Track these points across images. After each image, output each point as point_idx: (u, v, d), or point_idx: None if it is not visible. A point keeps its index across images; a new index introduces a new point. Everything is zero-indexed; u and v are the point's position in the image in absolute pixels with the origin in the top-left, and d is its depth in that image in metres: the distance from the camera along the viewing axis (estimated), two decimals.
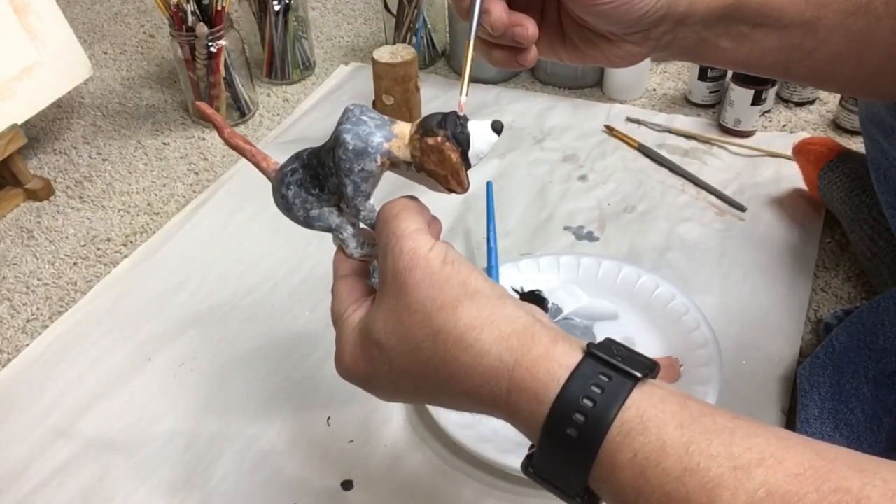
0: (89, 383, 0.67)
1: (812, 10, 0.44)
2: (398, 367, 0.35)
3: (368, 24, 1.26)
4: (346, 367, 0.38)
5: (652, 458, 0.29)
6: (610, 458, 0.30)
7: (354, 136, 0.37)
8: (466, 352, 0.33)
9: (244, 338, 0.71)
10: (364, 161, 0.37)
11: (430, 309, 0.34)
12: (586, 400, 0.30)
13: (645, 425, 0.30)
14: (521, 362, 0.32)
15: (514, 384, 0.32)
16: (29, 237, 0.85)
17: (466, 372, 0.33)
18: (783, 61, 0.47)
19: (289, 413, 0.64)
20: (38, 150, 0.99)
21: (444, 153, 0.37)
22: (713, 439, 0.29)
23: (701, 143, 0.92)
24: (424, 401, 0.39)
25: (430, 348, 0.34)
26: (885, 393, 0.52)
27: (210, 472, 0.60)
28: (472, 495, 0.57)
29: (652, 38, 0.45)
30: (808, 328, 0.69)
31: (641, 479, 0.29)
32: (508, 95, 1.03)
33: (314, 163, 0.40)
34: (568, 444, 0.31)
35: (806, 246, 0.77)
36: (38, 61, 0.87)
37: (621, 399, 0.30)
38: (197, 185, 0.92)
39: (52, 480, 0.60)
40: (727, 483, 0.27)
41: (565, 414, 0.30)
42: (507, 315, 0.34)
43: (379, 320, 0.35)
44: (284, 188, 0.41)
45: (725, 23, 0.45)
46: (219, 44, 0.94)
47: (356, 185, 0.38)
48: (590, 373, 0.31)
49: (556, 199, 0.85)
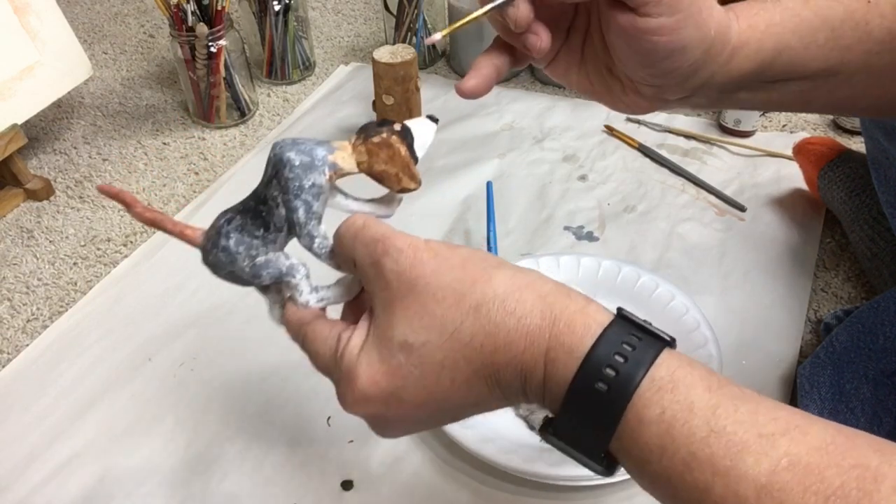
0: (89, 383, 0.67)
1: (836, 56, 0.43)
2: (434, 363, 0.34)
3: (368, 24, 1.26)
4: (363, 394, 0.35)
5: (679, 417, 0.29)
6: (637, 414, 0.30)
7: (298, 153, 0.36)
8: (511, 315, 0.33)
9: (244, 338, 0.71)
10: (312, 175, 0.36)
11: (461, 289, 0.33)
12: (618, 356, 0.30)
13: (675, 384, 0.30)
14: (561, 317, 0.32)
15: (553, 340, 0.32)
16: (29, 237, 0.85)
17: (512, 338, 0.33)
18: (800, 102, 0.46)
19: (289, 413, 0.64)
20: (38, 150, 0.99)
21: (393, 147, 0.37)
22: (740, 406, 0.29)
23: (701, 143, 0.92)
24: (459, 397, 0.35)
25: (472, 324, 0.33)
26: (885, 393, 0.52)
27: (210, 472, 0.60)
28: (472, 495, 0.57)
29: (662, 97, 0.44)
30: (808, 328, 0.69)
31: (667, 437, 0.29)
32: (508, 95, 1.03)
33: (251, 205, 0.38)
34: (597, 400, 0.31)
35: (806, 246, 0.77)
36: (38, 61, 0.87)
37: (652, 357, 0.31)
38: (197, 185, 0.92)
39: (52, 480, 0.60)
40: (752, 448, 0.28)
41: (597, 368, 0.31)
42: (538, 278, 0.34)
43: (399, 324, 0.34)
44: (224, 239, 0.38)
45: (745, 84, 0.44)
46: (219, 44, 0.94)
47: (308, 205, 0.37)
48: (622, 331, 0.31)
49: (556, 199, 0.85)
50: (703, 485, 0.28)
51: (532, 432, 0.60)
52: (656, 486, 0.31)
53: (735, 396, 0.29)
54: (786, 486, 0.27)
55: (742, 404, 0.29)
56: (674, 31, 0.38)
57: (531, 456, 0.56)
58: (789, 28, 0.42)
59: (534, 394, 0.33)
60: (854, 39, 0.42)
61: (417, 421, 0.36)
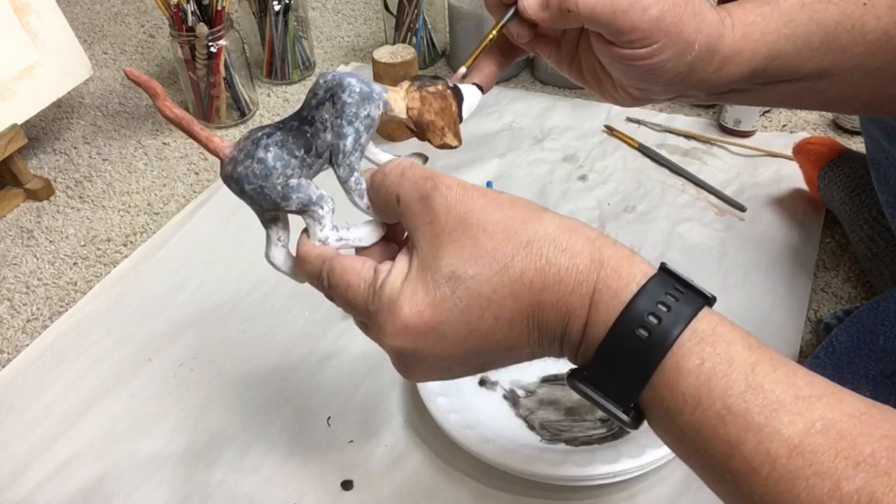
0: (89, 383, 0.67)
1: (830, 59, 0.43)
2: (480, 297, 0.33)
3: (368, 24, 1.26)
4: (405, 324, 0.33)
5: (718, 369, 0.29)
6: (676, 363, 0.30)
7: (358, 81, 0.36)
8: (564, 253, 0.33)
9: (244, 338, 0.71)
10: (369, 106, 0.36)
11: (512, 225, 0.33)
12: (661, 305, 0.31)
13: (716, 338, 0.30)
14: (608, 262, 0.32)
15: (600, 282, 0.32)
16: (29, 237, 0.85)
17: (562, 276, 0.32)
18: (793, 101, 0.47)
19: (289, 413, 0.64)
20: (38, 150, 0.99)
21: (447, 99, 0.37)
22: (778, 367, 0.30)
23: (701, 143, 0.92)
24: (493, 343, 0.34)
25: (523, 260, 0.33)
26: (885, 393, 0.52)
27: (210, 472, 0.60)
28: (472, 495, 0.57)
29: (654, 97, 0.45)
30: (808, 328, 0.69)
31: (704, 388, 0.29)
32: (508, 95, 1.03)
33: (293, 124, 0.36)
34: (636, 346, 0.31)
35: (806, 246, 0.77)
36: (38, 61, 0.87)
37: (694, 310, 0.31)
38: (197, 185, 0.92)
39: (52, 480, 0.60)
40: (788, 407, 0.28)
41: (639, 315, 0.31)
42: (584, 224, 0.34)
43: (447, 255, 0.33)
44: (262, 151, 0.36)
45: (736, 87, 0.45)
46: (219, 44, 0.94)
47: (358, 134, 0.36)
48: (666, 283, 0.32)
49: (556, 199, 0.85)
50: (734, 439, 0.28)
51: (532, 432, 0.60)
52: (684, 440, 0.31)
53: (774, 359, 0.30)
54: (818, 449, 0.27)
55: (780, 366, 0.30)
56: (652, 57, 0.40)
57: (531, 456, 0.56)
58: (784, 34, 0.42)
59: (571, 340, 0.33)
60: (849, 42, 0.43)
61: (450, 362, 0.35)
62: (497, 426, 0.59)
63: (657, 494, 0.57)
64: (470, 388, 0.63)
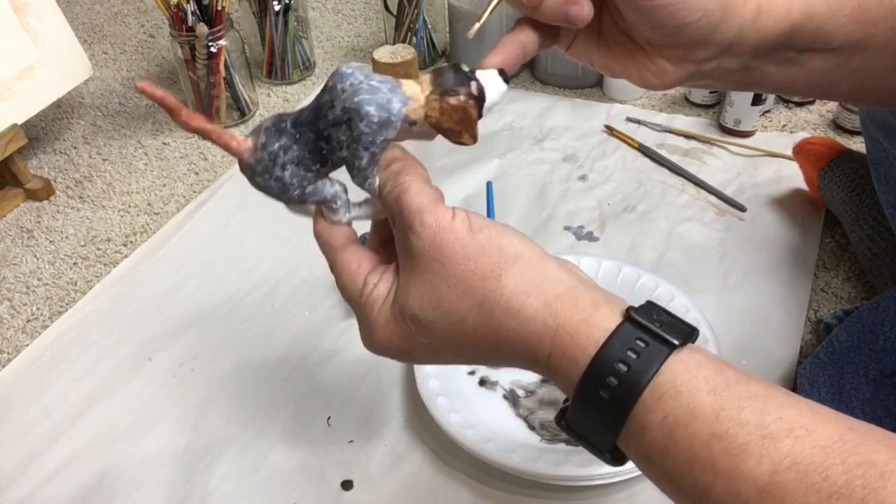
0: (89, 383, 0.67)
1: (862, 30, 0.42)
2: (440, 340, 0.35)
3: (368, 24, 1.26)
4: (379, 345, 0.37)
5: (681, 421, 0.29)
6: (640, 420, 0.31)
7: (378, 108, 0.35)
8: (514, 318, 0.33)
9: (244, 338, 0.71)
10: (387, 132, 0.36)
11: (471, 281, 0.34)
12: (621, 364, 0.31)
13: (678, 390, 0.30)
14: (564, 327, 0.33)
15: (555, 348, 0.33)
16: (29, 237, 0.85)
17: (512, 339, 0.33)
18: (826, 81, 0.45)
19: (289, 413, 0.64)
20: (38, 150, 0.99)
21: (468, 111, 0.36)
22: (745, 406, 0.29)
23: (701, 143, 0.92)
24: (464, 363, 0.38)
25: (476, 319, 0.34)
26: (885, 393, 0.52)
27: (210, 472, 0.60)
28: (472, 495, 0.57)
29: (691, 59, 0.42)
30: (808, 328, 0.69)
31: (669, 441, 0.30)
32: (508, 95, 1.02)
33: (310, 137, 0.37)
34: (600, 406, 0.31)
35: (806, 246, 0.77)
36: (38, 61, 0.87)
37: (656, 365, 0.31)
38: (197, 185, 0.92)
39: (52, 480, 0.60)
40: (753, 450, 0.28)
41: (600, 377, 0.31)
42: (550, 278, 0.34)
43: (412, 295, 0.35)
44: (279, 170, 0.37)
45: (775, 50, 0.43)
46: (219, 44, 0.94)
47: (373, 156, 0.36)
48: (628, 337, 0.32)
49: (556, 199, 0.85)
50: (704, 484, 0.29)
51: (532, 432, 0.60)
52: (662, 483, 0.32)
53: (741, 398, 0.29)
54: (788, 486, 0.27)
55: (748, 405, 0.29)
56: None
57: (531, 456, 0.56)
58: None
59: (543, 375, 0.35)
60: (879, 14, 0.42)
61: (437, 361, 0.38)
62: (497, 426, 0.59)
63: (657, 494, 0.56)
64: (470, 388, 0.63)
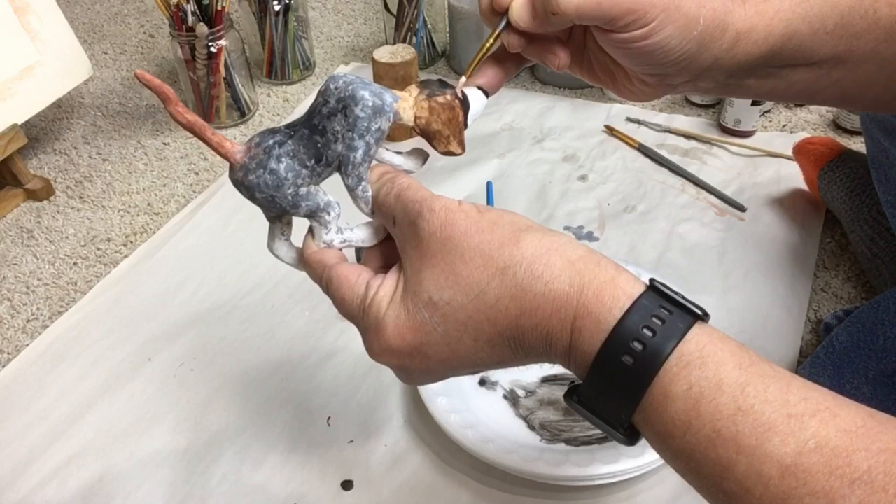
0: (89, 383, 0.67)
1: (844, 44, 0.43)
2: (457, 322, 0.34)
3: (368, 24, 1.26)
4: (389, 346, 0.35)
5: (707, 393, 0.29)
6: (664, 389, 0.30)
7: (371, 94, 0.36)
8: (539, 279, 0.32)
9: (244, 338, 0.71)
10: (380, 119, 0.36)
11: (488, 250, 0.33)
12: (646, 329, 0.30)
13: (704, 360, 0.30)
14: (590, 286, 0.32)
15: (580, 308, 0.32)
16: (29, 237, 0.85)
17: (538, 303, 0.32)
18: (808, 91, 0.46)
19: (289, 413, 0.64)
20: (38, 150, 0.99)
21: (455, 110, 0.37)
22: (770, 385, 0.29)
23: (701, 143, 0.92)
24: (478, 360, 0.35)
25: (498, 287, 0.33)
26: (885, 393, 0.52)
27: (210, 473, 0.60)
28: (472, 495, 0.57)
29: (668, 84, 0.44)
30: (808, 328, 0.69)
31: (693, 413, 0.29)
32: (508, 95, 1.03)
33: (304, 133, 0.37)
34: (622, 372, 0.31)
35: (806, 246, 0.77)
36: (38, 61, 0.87)
37: (681, 332, 0.30)
38: (197, 185, 0.92)
39: (52, 480, 0.60)
40: (779, 429, 0.27)
41: (623, 341, 0.30)
42: (568, 242, 0.34)
43: (426, 279, 0.34)
44: (275, 162, 0.36)
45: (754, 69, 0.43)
46: (219, 44, 0.94)
47: (368, 147, 0.37)
48: (651, 304, 0.31)
49: (556, 199, 0.85)
50: (725, 462, 0.28)
51: (532, 432, 0.60)
52: (678, 461, 0.31)
53: (766, 375, 0.29)
54: (811, 468, 0.27)
55: (773, 383, 0.29)
56: (652, 35, 0.39)
57: (531, 456, 0.56)
58: (798, 14, 0.42)
59: (558, 357, 0.34)
60: (862, 27, 0.42)
61: (441, 373, 0.37)
62: (497, 426, 0.59)
63: (657, 494, 0.57)
64: (470, 388, 0.63)
